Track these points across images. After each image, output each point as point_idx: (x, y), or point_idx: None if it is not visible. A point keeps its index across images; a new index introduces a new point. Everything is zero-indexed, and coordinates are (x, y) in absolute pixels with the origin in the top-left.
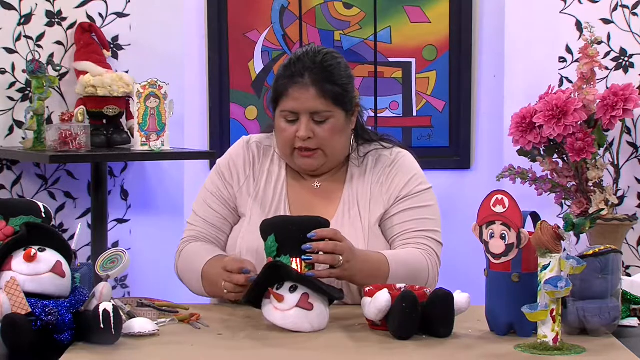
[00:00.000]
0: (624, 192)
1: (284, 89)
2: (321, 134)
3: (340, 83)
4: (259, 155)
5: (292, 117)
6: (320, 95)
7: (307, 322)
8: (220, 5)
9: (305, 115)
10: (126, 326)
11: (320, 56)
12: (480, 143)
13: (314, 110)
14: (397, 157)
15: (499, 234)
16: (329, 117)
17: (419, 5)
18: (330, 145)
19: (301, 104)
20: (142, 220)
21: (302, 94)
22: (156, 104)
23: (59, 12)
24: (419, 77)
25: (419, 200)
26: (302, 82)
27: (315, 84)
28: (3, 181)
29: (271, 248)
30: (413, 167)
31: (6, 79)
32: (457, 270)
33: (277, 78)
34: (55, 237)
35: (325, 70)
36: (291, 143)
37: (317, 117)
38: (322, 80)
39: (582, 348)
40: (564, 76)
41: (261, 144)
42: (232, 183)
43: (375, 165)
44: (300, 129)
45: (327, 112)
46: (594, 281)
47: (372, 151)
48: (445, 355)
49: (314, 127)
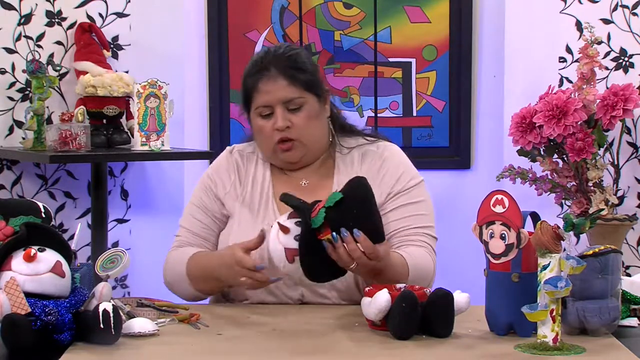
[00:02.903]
0: (624, 192)
1: (253, 86)
2: (298, 122)
3: (306, 69)
4: (243, 161)
5: (267, 112)
6: (289, 83)
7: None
8: (220, 5)
9: (279, 106)
10: (126, 326)
11: (282, 49)
12: (480, 143)
13: (286, 99)
14: (385, 151)
15: (499, 234)
16: (303, 104)
17: (419, 5)
18: (308, 132)
19: (273, 95)
20: (142, 220)
21: (271, 85)
22: (156, 104)
23: (59, 12)
24: (419, 77)
25: (412, 196)
26: (270, 75)
27: (283, 73)
28: (3, 181)
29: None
30: (402, 161)
31: (6, 79)
32: (457, 270)
33: (244, 79)
34: (55, 237)
35: (289, 59)
36: (271, 138)
37: (291, 105)
38: (288, 67)
39: (582, 348)
40: (564, 76)
41: (244, 151)
42: (216, 191)
43: (363, 161)
44: (277, 121)
45: (299, 98)
46: (593, 281)
47: (357, 147)
48: (445, 355)
49: (290, 117)
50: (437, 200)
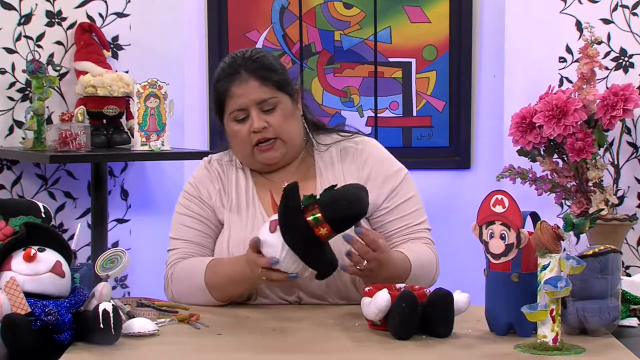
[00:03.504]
0: (624, 192)
1: (224, 91)
2: (274, 121)
3: (276, 69)
4: (223, 170)
5: (241, 115)
6: (261, 83)
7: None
8: (220, 6)
9: (253, 107)
10: (126, 326)
11: (249, 52)
12: (480, 143)
13: (260, 99)
14: (364, 147)
15: (499, 234)
16: (277, 104)
17: (419, 5)
18: (286, 130)
19: (246, 98)
20: (142, 220)
21: (244, 88)
22: (156, 104)
23: (59, 12)
24: (419, 77)
25: (404, 193)
26: (241, 78)
27: (253, 74)
28: (3, 181)
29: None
30: (384, 157)
31: (6, 79)
32: (457, 270)
33: (215, 85)
34: (55, 237)
35: (257, 60)
36: (248, 142)
37: (266, 105)
38: (258, 69)
39: (582, 348)
40: (564, 76)
41: (221, 160)
42: (204, 199)
43: (343, 159)
44: (253, 123)
45: (273, 98)
46: (593, 281)
47: (334, 143)
48: (445, 355)
49: (266, 117)
50: (437, 200)
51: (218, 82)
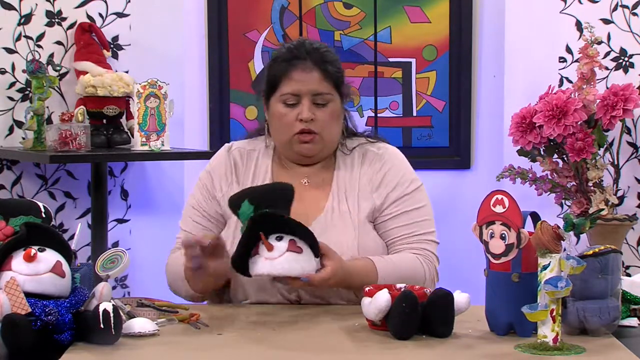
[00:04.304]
0: (624, 192)
1: (284, 72)
2: (322, 117)
3: (338, 68)
4: (242, 160)
5: (292, 101)
6: (323, 77)
7: (297, 265)
8: (220, 5)
9: (307, 97)
10: (126, 326)
11: (316, 44)
12: (480, 143)
13: (316, 91)
14: (385, 153)
15: (499, 234)
16: (330, 101)
17: (419, 5)
18: (329, 130)
19: (304, 85)
20: (142, 220)
21: (305, 76)
22: (156, 104)
23: (59, 12)
24: (419, 77)
25: (413, 202)
26: (305, 65)
27: (318, 66)
28: (3, 181)
29: (248, 211)
30: (402, 165)
31: (6, 79)
32: (457, 270)
33: (274, 63)
34: (55, 237)
35: (324, 54)
36: (291, 128)
37: (319, 99)
38: (324, 62)
39: (582, 348)
40: (564, 76)
41: (244, 149)
42: (214, 193)
43: (363, 161)
44: (302, 111)
45: (328, 94)
46: (594, 281)
47: (358, 146)
48: (445, 355)
49: (315, 110)
50: (437, 201)
51: (277, 62)
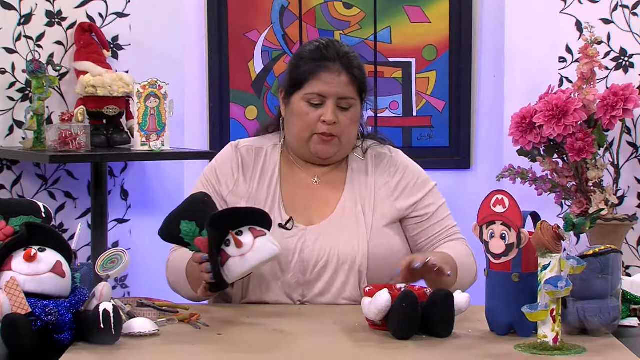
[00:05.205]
0: (624, 192)
1: (312, 72)
2: (344, 121)
3: (364, 74)
4: (250, 157)
5: (317, 101)
6: (350, 82)
7: (270, 244)
8: (220, 6)
9: (332, 99)
10: (126, 326)
11: (345, 47)
12: (480, 143)
13: (342, 95)
14: (396, 156)
15: (499, 234)
16: (352, 105)
17: (419, 5)
18: (348, 133)
19: (331, 88)
20: (142, 220)
21: (333, 78)
22: (156, 104)
23: (59, 12)
24: (419, 77)
25: (436, 201)
26: (335, 67)
27: (348, 70)
28: (3, 181)
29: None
30: (415, 168)
31: (6, 79)
32: None
33: (301, 62)
34: (55, 237)
35: (353, 60)
36: (312, 127)
37: (344, 103)
38: (353, 67)
39: (582, 348)
40: (564, 76)
41: (251, 146)
42: (219, 189)
43: (376, 164)
44: (326, 113)
45: (352, 99)
46: (594, 281)
47: (370, 147)
48: (445, 355)
49: (338, 114)
50: None
51: (306, 60)
